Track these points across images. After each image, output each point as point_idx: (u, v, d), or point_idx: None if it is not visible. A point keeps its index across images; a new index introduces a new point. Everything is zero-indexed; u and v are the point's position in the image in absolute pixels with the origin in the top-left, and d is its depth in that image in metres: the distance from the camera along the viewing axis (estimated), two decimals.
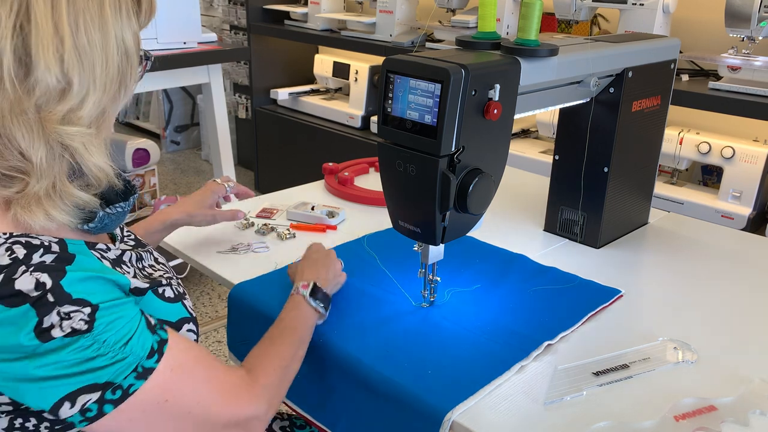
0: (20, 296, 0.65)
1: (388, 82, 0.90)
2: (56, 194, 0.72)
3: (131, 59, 0.75)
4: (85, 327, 0.67)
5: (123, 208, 0.81)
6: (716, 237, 1.39)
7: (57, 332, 0.65)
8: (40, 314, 0.65)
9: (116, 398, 0.69)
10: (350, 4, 3.47)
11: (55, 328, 0.65)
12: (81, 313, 0.67)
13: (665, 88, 1.31)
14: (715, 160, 2.07)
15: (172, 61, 2.35)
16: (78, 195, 0.73)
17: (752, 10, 1.90)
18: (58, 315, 0.66)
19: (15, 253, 0.67)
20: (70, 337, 0.66)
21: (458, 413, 0.82)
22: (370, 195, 1.50)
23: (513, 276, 1.16)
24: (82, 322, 0.67)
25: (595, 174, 1.24)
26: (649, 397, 0.86)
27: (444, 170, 0.88)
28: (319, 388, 0.98)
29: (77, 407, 0.68)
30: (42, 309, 0.65)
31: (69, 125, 0.70)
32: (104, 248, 0.80)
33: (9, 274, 0.65)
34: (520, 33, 0.97)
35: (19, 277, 0.65)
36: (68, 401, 0.67)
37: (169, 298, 0.84)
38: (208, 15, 3.99)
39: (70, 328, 0.66)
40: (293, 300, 0.98)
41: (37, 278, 0.66)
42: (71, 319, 0.66)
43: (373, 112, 3.23)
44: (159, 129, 4.81)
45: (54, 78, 0.68)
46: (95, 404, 0.68)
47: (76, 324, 0.66)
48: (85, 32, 0.69)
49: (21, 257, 0.67)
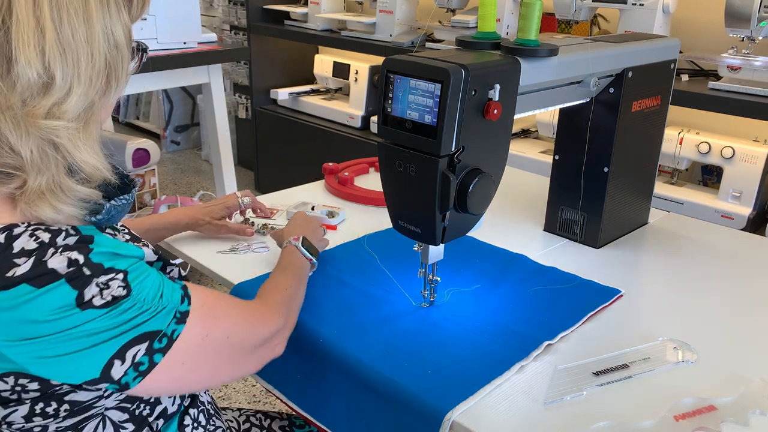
0: (54, 274, 0.67)
1: (388, 82, 0.90)
2: (57, 189, 0.72)
3: (122, 52, 0.75)
4: (125, 292, 0.70)
5: (127, 200, 0.83)
6: (716, 237, 1.39)
7: (98, 300, 0.68)
8: (79, 287, 0.67)
9: (163, 346, 0.73)
10: (350, 4, 3.47)
11: (96, 297, 0.68)
12: (117, 281, 0.70)
13: (665, 88, 1.31)
14: (715, 160, 2.07)
15: (172, 61, 2.35)
16: (78, 189, 0.74)
17: (752, 10, 1.90)
18: (97, 286, 0.68)
19: (40, 238, 0.69)
20: (113, 303, 0.69)
21: (458, 413, 0.82)
22: (370, 195, 1.50)
23: (513, 276, 1.16)
24: (120, 288, 0.70)
25: (595, 174, 1.24)
26: (649, 397, 0.86)
27: (444, 170, 0.88)
28: (319, 388, 0.98)
29: (128, 362, 0.71)
30: (79, 282, 0.67)
31: (53, 119, 0.70)
32: (111, 232, 0.81)
33: (39, 257, 0.67)
34: (520, 33, 0.97)
35: (50, 258, 0.67)
36: (118, 359, 0.70)
37: (173, 278, 0.85)
38: (208, 15, 3.99)
39: (111, 296, 0.69)
40: (287, 249, 1.07)
41: (68, 257, 0.68)
42: (110, 288, 0.69)
43: (373, 112, 3.23)
44: (159, 129, 4.81)
45: (35, 72, 0.68)
46: (145, 356, 0.72)
47: (116, 291, 0.70)
48: (68, 26, 0.69)
49: (47, 241, 0.69)
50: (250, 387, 2.25)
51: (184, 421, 0.92)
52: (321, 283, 1.12)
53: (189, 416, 0.94)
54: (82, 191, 0.74)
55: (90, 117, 0.74)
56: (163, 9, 2.32)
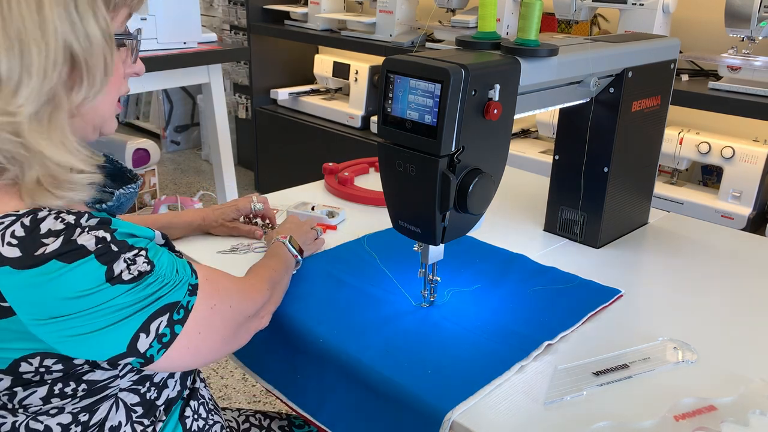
0: (83, 249, 0.69)
1: (388, 82, 0.90)
2: (51, 179, 0.72)
3: (96, 44, 0.73)
4: (149, 267, 0.74)
5: (134, 189, 0.87)
6: (716, 237, 1.39)
7: (126, 275, 0.71)
8: (108, 262, 0.70)
9: (181, 317, 0.76)
10: (350, 4, 3.47)
11: (124, 272, 0.71)
12: (141, 257, 0.74)
13: (665, 88, 1.31)
14: (715, 160, 2.07)
15: (172, 61, 2.35)
16: (74, 178, 0.74)
17: (752, 10, 1.90)
18: (125, 261, 0.72)
19: (66, 219, 0.70)
20: (139, 278, 0.73)
21: (458, 413, 0.82)
22: (370, 195, 1.50)
23: (513, 276, 1.16)
24: (145, 264, 0.74)
25: (595, 174, 1.24)
26: (649, 397, 0.86)
27: (444, 170, 0.88)
28: (318, 388, 0.98)
29: (152, 334, 0.74)
30: (108, 258, 0.70)
31: (6, 116, 0.69)
32: None
33: (68, 236, 0.69)
34: (520, 33, 0.97)
35: (78, 236, 0.69)
36: (143, 332, 0.73)
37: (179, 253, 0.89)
38: (208, 15, 3.99)
39: (137, 272, 0.73)
40: (274, 245, 1.10)
41: (95, 235, 0.70)
42: (136, 263, 0.73)
43: (373, 112, 3.23)
44: (159, 129, 4.81)
45: None
46: (167, 327, 0.75)
47: (141, 267, 0.73)
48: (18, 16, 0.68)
49: (72, 222, 0.70)
50: (250, 387, 2.25)
51: (185, 412, 0.94)
52: (321, 283, 1.12)
53: (190, 408, 0.95)
54: (79, 179, 0.75)
55: (54, 111, 0.72)
56: (163, 9, 2.32)
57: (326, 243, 1.27)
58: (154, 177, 2.90)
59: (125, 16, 0.80)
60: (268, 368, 1.07)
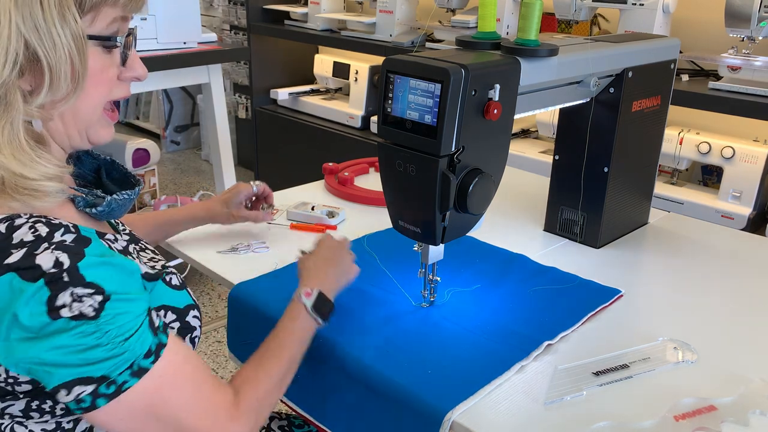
0: (38, 270, 0.66)
1: (388, 82, 0.90)
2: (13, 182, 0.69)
3: (61, 47, 0.69)
4: (93, 314, 0.68)
5: (129, 196, 0.82)
6: (716, 237, 1.39)
7: (66, 312, 0.66)
8: (54, 291, 0.66)
9: (110, 393, 0.69)
10: (350, 4, 3.47)
11: (65, 308, 0.66)
12: (91, 299, 0.68)
13: (665, 88, 1.31)
14: (715, 160, 2.06)
15: (172, 61, 2.35)
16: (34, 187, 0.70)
17: (752, 10, 1.90)
18: (71, 296, 0.67)
19: (38, 231, 0.68)
20: (76, 320, 0.67)
21: (458, 413, 0.82)
22: (370, 195, 1.50)
23: (513, 276, 1.16)
24: (90, 308, 0.67)
25: (595, 174, 1.24)
26: (649, 397, 0.86)
27: (444, 170, 0.88)
28: (319, 388, 0.98)
29: (72, 396, 0.68)
30: (56, 287, 0.66)
31: None
32: (112, 239, 0.82)
33: (31, 250, 0.67)
34: (520, 33, 0.97)
35: (40, 253, 0.67)
36: (64, 389, 0.68)
37: (175, 285, 0.86)
38: (208, 15, 3.99)
39: (78, 311, 0.67)
40: (294, 307, 0.93)
41: (57, 257, 0.67)
42: (82, 303, 0.67)
43: (373, 112, 3.23)
44: (159, 129, 4.81)
45: None
46: (89, 396, 0.69)
47: (85, 309, 0.67)
48: None
49: (44, 235, 0.68)
50: None
51: None
52: None
53: None
54: (39, 186, 0.70)
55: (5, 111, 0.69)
56: (163, 9, 2.32)
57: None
58: (153, 177, 2.90)
59: (112, 18, 0.75)
60: None
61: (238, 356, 1.12)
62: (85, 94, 0.74)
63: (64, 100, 0.72)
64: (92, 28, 0.73)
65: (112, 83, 0.78)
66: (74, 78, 0.72)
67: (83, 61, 0.72)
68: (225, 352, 2.42)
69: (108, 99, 0.79)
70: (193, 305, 0.88)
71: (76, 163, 0.89)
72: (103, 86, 0.77)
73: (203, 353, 2.41)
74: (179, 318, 0.84)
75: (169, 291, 0.85)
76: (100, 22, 0.74)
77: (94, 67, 0.74)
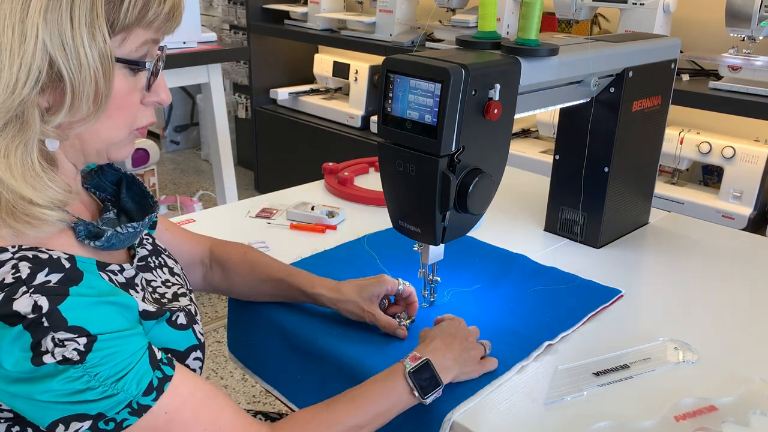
0: (17, 317, 0.63)
1: (388, 81, 0.90)
2: (11, 207, 0.66)
3: (87, 67, 0.66)
4: (77, 357, 0.64)
5: (135, 228, 0.77)
6: (717, 237, 1.39)
7: (49, 358, 0.63)
8: (36, 337, 0.63)
9: (110, 429, 0.67)
10: (350, 4, 3.47)
11: (48, 354, 0.63)
12: (75, 343, 0.64)
13: (666, 87, 1.31)
14: (716, 160, 2.06)
15: (171, 61, 2.35)
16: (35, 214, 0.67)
17: (752, 10, 1.90)
18: (53, 341, 0.63)
19: (19, 272, 0.64)
20: (62, 365, 0.63)
21: (458, 413, 0.82)
22: (370, 195, 1.50)
23: (513, 276, 1.16)
24: (75, 352, 0.64)
25: (596, 174, 1.24)
26: (649, 397, 0.86)
27: (444, 170, 0.88)
28: (319, 388, 0.98)
29: (71, 430, 0.66)
30: (36, 333, 0.63)
31: None
32: (116, 270, 0.77)
33: (9, 294, 0.63)
34: (521, 33, 0.97)
35: (18, 298, 0.63)
36: (62, 424, 0.66)
37: (181, 325, 0.80)
38: (207, 15, 3.99)
39: (62, 356, 0.63)
40: (392, 368, 0.83)
41: (35, 300, 0.63)
42: (65, 348, 0.63)
43: (373, 112, 3.23)
44: (158, 129, 4.81)
45: None
46: (89, 431, 0.66)
47: (69, 353, 0.63)
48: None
49: (24, 277, 0.64)
50: (250, 387, 2.25)
51: None
52: None
53: None
54: (40, 213, 0.67)
55: (20, 131, 0.65)
56: None
57: (326, 243, 1.27)
58: (153, 177, 2.90)
59: (143, 41, 0.71)
60: (268, 369, 1.07)
61: (238, 356, 1.12)
62: (107, 116, 0.70)
63: (83, 121, 0.69)
64: (121, 49, 0.69)
65: (135, 107, 0.74)
66: (97, 100, 0.68)
67: (108, 83, 0.68)
68: (225, 352, 2.42)
69: (133, 125, 0.75)
70: (197, 345, 0.82)
71: (98, 173, 0.87)
72: (126, 110, 0.73)
73: None
74: (178, 361, 0.77)
75: (170, 332, 0.79)
76: (130, 43, 0.70)
77: (120, 89, 0.71)
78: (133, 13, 0.68)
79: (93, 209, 0.83)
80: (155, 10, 0.69)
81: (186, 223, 1.35)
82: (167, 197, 2.90)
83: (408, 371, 0.81)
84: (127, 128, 0.74)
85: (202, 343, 0.83)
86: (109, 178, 0.87)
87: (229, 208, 1.51)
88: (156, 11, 0.69)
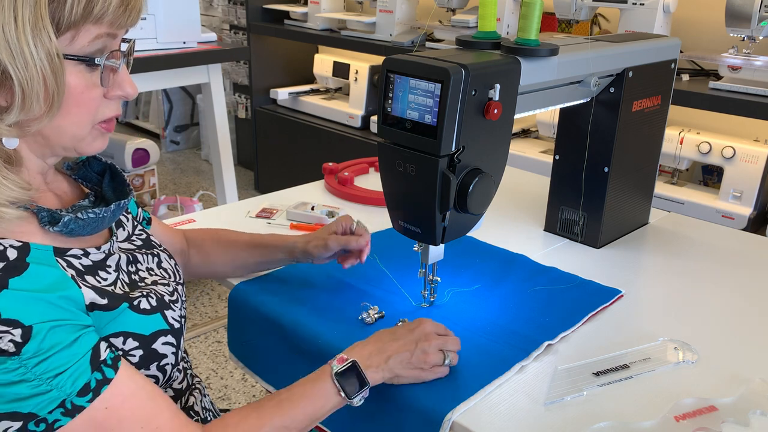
0: None
1: (388, 81, 0.90)
2: None
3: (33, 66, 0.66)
4: (13, 349, 0.63)
5: (97, 215, 0.76)
6: (717, 237, 1.38)
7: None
8: None
9: (41, 431, 0.66)
10: (350, 4, 3.47)
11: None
12: (10, 335, 0.63)
13: (665, 87, 1.31)
14: (716, 160, 2.06)
15: (171, 61, 2.35)
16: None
17: (752, 10, 1.90)
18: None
19: None
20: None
21: (458, 413, 0.82)
22: (370, 195, 1.50)
23: (513, 276, 1.16)
24: (11, 344, 0.63)
25: (596, 174, 1.24)
26: (649, 397, 0.86)
27: (444, 170, 0.88)
28: None
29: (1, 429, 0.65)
30: None
31: None
32: (79, 254, 0.76)
33: None
34: (521, 33, 0.97)
35: None
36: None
37: (144, 310, 0.79)
38: (207, 15, 3.99)
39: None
40: (320, 370, 0.84)
41: None
42: (1, 339, 0.63)
43: (373, 111, 3.23)
44: (159, 129, 4.81)
45: None
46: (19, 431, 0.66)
47: (5, 345, 0.63)
48: None
49: None
50: (250, 387, 2.25)
51: None
52: (321, 283, 1.12)
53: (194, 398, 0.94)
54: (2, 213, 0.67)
55: None
56: (163, 9, 2.32)
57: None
58: (153, 177, 2.90)
59: (95, 35, 0.70)
60: (268, 368, 1.07)
61: (238, 356, 1.12)
62: (66, 112, 0.71)
63: (37, 120, 0.69)
64: (72, 46, 0.69)
65: (97, 102, 0.74)
66: (48, 98, 0.68)
67: (59, 81, 0.68)
68: (225, 353, 2.42)
69: (95, 119, 0.75)
70: (166, 330, 0.80)
71: (85, 164, 0.88)
72: (86, 106, 0.73)
73: (203, 354, 2.41)
74: (142, 345, 0.78)
75: (134, 317, 0.77)
76: (81, 39, 0.70)
77: (77, 85, 0.71)
78: (78, 9, 0.68)
79: (73, 198, 0.84)
80: (101, 6, 0.69)
81: (186, 224, 1.35)
82: (167, 197, 2.90)
83: (334, 372, 0.82)
84: (88, 123, 0.75)
85: (177, 328, 0.82)
86: (94, 168, 0.89)
87: (229, 208, 1.51)
88: (102, 6, 0.69)
